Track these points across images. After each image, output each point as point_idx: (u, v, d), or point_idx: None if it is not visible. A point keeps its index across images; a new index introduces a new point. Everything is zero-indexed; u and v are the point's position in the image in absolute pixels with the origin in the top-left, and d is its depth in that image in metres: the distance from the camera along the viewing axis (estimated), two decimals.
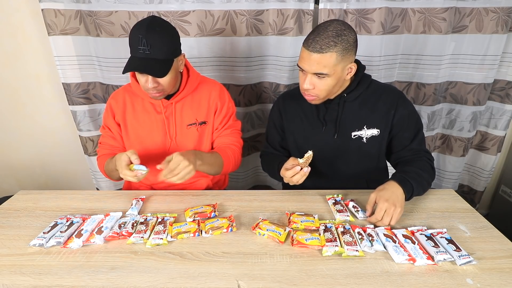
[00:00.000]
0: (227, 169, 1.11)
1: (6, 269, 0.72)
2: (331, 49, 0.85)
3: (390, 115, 1.00)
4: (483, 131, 1.70)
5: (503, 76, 1.54)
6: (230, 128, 1.14)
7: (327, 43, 0.85)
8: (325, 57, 0.86)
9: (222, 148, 1.12)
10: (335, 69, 0.89)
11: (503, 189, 1.83)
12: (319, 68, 0.88)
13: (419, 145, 1.03)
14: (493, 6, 1.36)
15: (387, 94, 1.02)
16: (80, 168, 1.77)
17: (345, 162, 1.07)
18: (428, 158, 1.00)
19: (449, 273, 0.68)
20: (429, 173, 0.96)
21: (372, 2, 1.34)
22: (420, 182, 0.91)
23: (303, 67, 0.91)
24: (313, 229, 0.83)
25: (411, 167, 0.95)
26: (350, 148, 1.04)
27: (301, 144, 1.10)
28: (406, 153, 1.03)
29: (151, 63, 0.91)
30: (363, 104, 1.01)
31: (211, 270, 0.70)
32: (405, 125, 1.01)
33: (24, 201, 1.01)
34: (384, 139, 1.03)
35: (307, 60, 0.88)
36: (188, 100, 1.09)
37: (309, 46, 0.87)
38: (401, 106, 1.00)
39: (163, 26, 0.93)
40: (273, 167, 1.10)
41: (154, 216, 0.90)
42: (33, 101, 1.60)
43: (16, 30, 1.44)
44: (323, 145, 1.06)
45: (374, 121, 1.01)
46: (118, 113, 1.10)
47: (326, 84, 0.91)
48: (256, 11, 1.36)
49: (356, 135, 1.02)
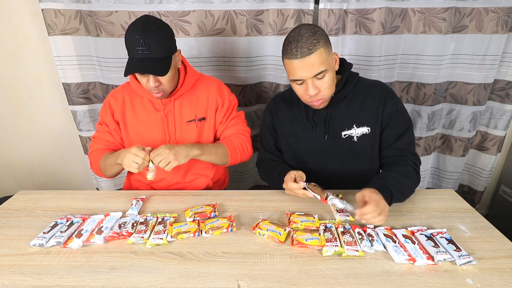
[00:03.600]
0: (235, 158, 1.12)
1: (6, 269, 0.72)
2: (316, 46, 0.85)
3: (379, 111, 0.99)
4: (483, 131, 1.70)
5: (503, 76, 1.54)
6: (234, 118, 1.15)
7: (311, 43, 0.85)
8: (316, 55, 0.86)
9: (228, 137, 1.13)
10: (328, 62, 0.89)
11: (503, 189, 1.83)
12: (318, 68, 0.87)
13: (406, 146, 1.00)
14: (493, 6, 1.36)
15: (375, 91, 1.01)
16: (80, 168, 1.77)
17: (338, 163, 1.06)
18: (414, 162, 0.97)
19: (449, 273, 0.68)
20: (412, 180, 0.94)
21: (372, 2, 1.34)
22: (401, 189, 0.89)
23: (301, 77, 0.89)
24: (313, 229, 0.83)
25: (393, 173, 0.92)
26: (342, 148, 1.03)
27: (293, 146, 1.10)
28: (391, 152, 1.01)
29: (151, 62, 0.91)
30: (352, 103, 1.01)
31: (211, 270, 0.70)
32: (392, 121, 0.99)
33: (24, 201, 1.01)
34: (376, 137, 1.02)
35: (302, 67, 0.87)
36: (186, 97, 1.10)
37: (297, 54, 0.86)
38: (389, 102, 0.99)
39: (157, 24, 0.93)
40: (273, 176, 1.08)
41: (154, 216, 0.90)
42: (33, 101, 1.60)
43: (16, 30, 1.44)
44: (315, 147, 1.06)
45: (364, 119, 1.00)
46: (118, 111, 1.10)
47: (328, 81, 0.91)
48: (256, 11, 1.36)
49: (346, 134, 1.02)
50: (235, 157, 1.11)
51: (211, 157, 1.06)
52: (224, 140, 1.13)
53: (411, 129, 1.02)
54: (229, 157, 1.10)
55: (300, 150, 1.08)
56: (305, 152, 1.08)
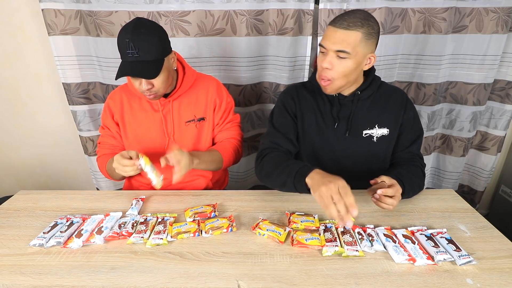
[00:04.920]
0: (228, 163, 1.14)
1: (6, 269, 0.72)
2: (357, 28, 0.86)
3: (400, 115, 1.02)
4: (483, 131, 1.70)
5: (503, 76, 1.54)
6: (229, 122, 1.16)
7: (354, 22, 0.86)
8: (350, 34, 0.86)
9: (222, 143, 1.14)
10: (357, 50, 0.88)
11: (503, 189, 1.83)
12: (343, 46, 0.87)
13: (417, 150, 1.06)
14: (493, 6, 1.36)
15: (397, 95, 1.05)
16: (80, 168, 1.77)
17: (352, 161, 1.07)
18: (421, 164, 1.04)
19: (449, 273, 0.68)
20: (420, 179, 1.00)
21: (372, 2, 1.34)
22: (412, 186, 0.94)
23: (326, 45, 0.90)
24: (313, 229, 0.83)
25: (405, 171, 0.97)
26: (360, 147, 1.04)
27: (312, 138, 1.06)
28: (404, 155, 1.05)
29: (141, 65, 0.90)
30: (375, 103, 1.03)
31: (211, 270, 0.70)
32: (410, 126, 1.04)
33: (24, 201, 1.00)
34: (393, 139, 1.04)
35: (332, 37, 0.88)
36: (185, 97, 1.09)
37: (336, 23, 0.88)
38: (408, 107, 1.03)
39: (148, 27, 0.92)
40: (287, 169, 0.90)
41: (154, 216, 0.90)
42: (33, 101, 1.60)
43: (16, 30, 1.44)
44: (333, 142, 1.05)
45: (385, 120, 1.02)
46: (116, 112, 1.10)
47: (345, 66, 0.90)
48: (256, 11, 1.36)
49: (367, 133, 1.03)
50: (228, 162, 1.13)
51: (207, 165, 1.06)
52: (218, 145, 1.14)
53: (422, 135, 1.07)
54: (223, 163, 1.11)
55: (317, 143, 1.07)
56: (322, 146, 1.06)
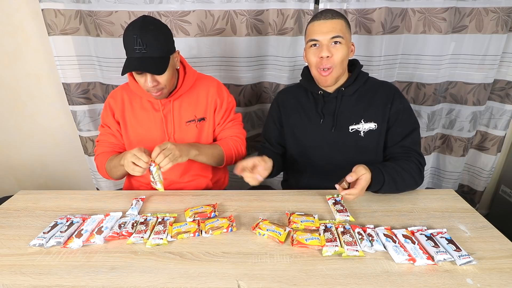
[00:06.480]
0: (230, 160, 1.14)
1: (6, 269, 0.72)
2: (340, 17, 0.95)
3: (387, 108, 1.02)
4: (483, 131, 1.70)
5: (503, 76, 1.54)
6: (231, 121, 1.16)
7: (335, 13, 0.95)
8: (338, 22, 0.93)
9: (224, 139, 1.14)
10: (346, 36, 0.95)
11: (503, 189, 1.83)
12: (336, 32, 0.92)
13: (412, 145, 1.02)
14: (493, 6, 1.36)
15: (383, 89, 1.04)
16: (80, 168, 1.77)
17: (342, 157, 1.07)
18: (419, 160, 0.99)
19: (449, 273, 0.68)
20: (412, 175, 0.95)
21: (372, 2, 1.34)
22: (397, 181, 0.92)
23: (318, 37, 0.94)
24: (313, 229, 0.83)
25: (393, 164, 0.95)
26: (348, 142, 1.05)
27: (300, 137, 1.11)
28: (397, 150, 1.03)
29: (148, 61, 0.92)
30: (361, 98, 1.03)
31: (211, 270, 0.70)
32: (399, 119, 1.02)
33: (24, 201, 1.00)
34: (382, 134, 1.04)
35: (323, 28, 0.93)
36: (186, 97, 1.10)
37: (321, 17, 0.94)
38: (396, 100, 1.02)
39: (156, 24, 0.94)
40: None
41: (154, 216, 0.90)
42: (33, 101, 1.60)
43: (16, 30, 1.44)
44: (321, 139, 1.07)
45: (371, 114, 1.02)
46: (117, 111, 1.10)
47: (342, 51, 0.94)
48: (256, 11, 1.36)
49: (353, 128, 1.03)
50: (230, 159, 1.14)
51: (207, 158, 1.07)
52: (220, 141, 1.14)
53: (418, 130, 1.04)
54: (224, 159, 1.11)
55: (306, 142, 1.09)
56: (310, 144, 1.09)
